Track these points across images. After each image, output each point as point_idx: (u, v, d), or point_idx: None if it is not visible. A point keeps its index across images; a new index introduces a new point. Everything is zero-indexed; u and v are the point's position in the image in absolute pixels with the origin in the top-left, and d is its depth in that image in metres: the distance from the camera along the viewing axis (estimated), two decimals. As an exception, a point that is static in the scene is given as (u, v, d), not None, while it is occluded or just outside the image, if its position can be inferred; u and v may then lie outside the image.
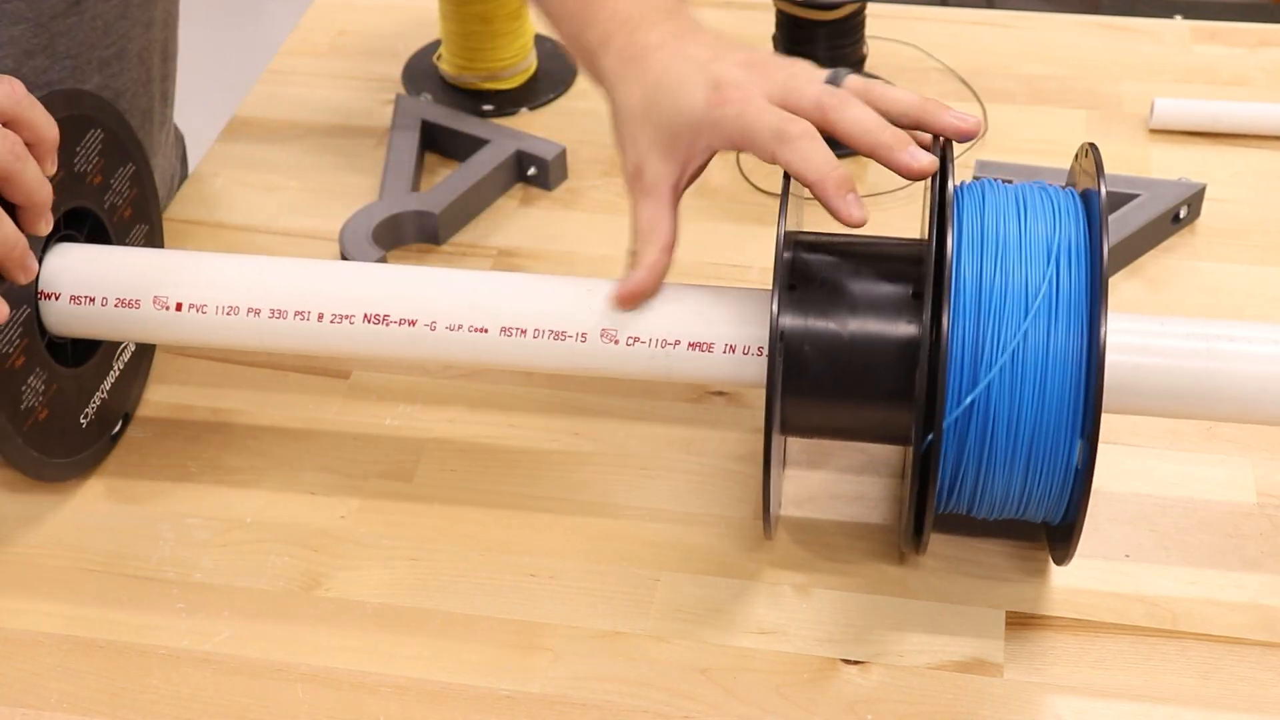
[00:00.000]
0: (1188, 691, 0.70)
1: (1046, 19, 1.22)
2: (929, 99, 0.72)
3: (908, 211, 1.00)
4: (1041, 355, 0.66)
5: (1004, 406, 0.66)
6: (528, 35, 1.13)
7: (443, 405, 0.87)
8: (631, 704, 0.70)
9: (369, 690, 0.71)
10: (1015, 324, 0.66)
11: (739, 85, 0.72)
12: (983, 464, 0.67)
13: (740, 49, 0.75)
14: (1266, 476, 0.81)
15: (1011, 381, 0.66)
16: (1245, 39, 1.18)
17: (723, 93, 0.71)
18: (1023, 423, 0.66)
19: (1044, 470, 0.67)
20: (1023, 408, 0.66)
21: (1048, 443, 0.66)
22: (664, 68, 0.74)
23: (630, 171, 0.75)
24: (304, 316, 0.75)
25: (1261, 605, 0.74)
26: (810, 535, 0.78)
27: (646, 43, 0.75)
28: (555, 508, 0.80)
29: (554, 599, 0.75)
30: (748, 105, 0.71)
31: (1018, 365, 0.66)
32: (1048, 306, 0.66)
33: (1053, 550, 0.75)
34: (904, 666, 0.72)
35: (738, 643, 0.73)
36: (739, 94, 0.71)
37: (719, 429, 0.85)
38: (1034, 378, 0.66)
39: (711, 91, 0.72)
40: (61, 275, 0.77)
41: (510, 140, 1.04)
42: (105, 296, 0.77)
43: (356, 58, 1.19)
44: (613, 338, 0.73)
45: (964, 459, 0.67)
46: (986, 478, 0.68)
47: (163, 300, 0.76)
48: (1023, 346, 0.66)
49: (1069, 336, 0.66)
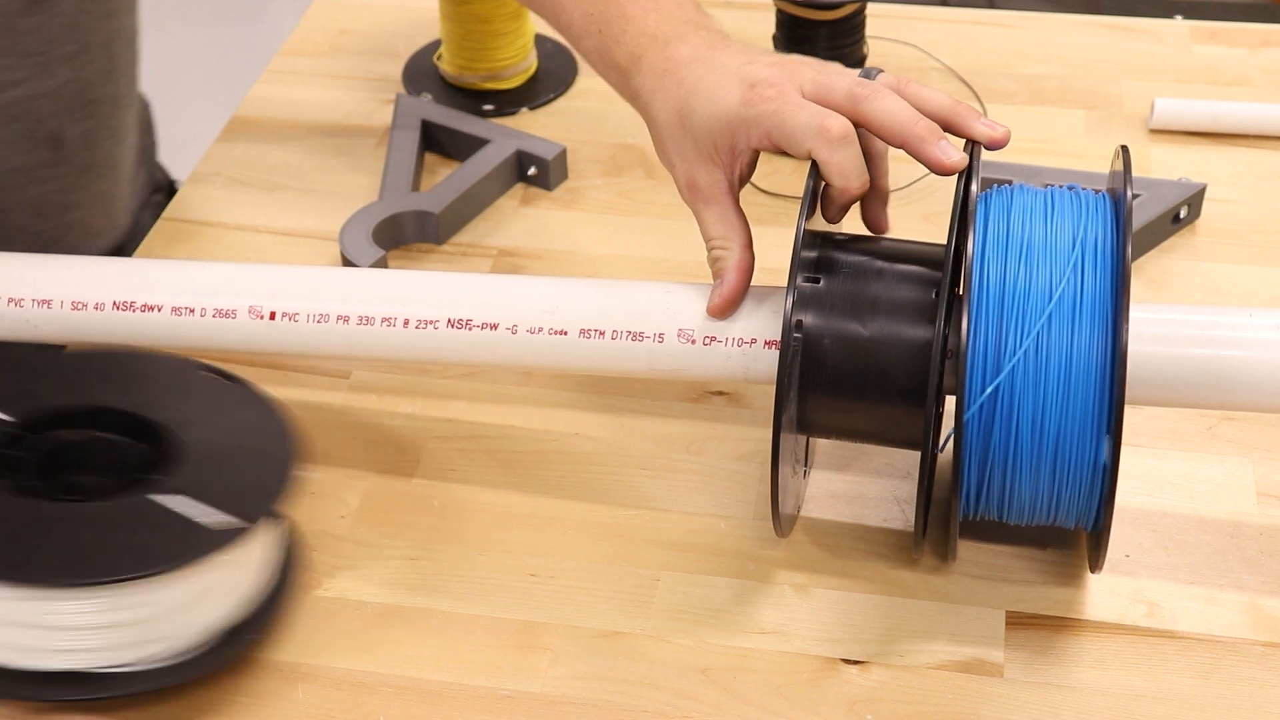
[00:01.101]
0: (1188, 692, 0.70)
1: (1047, 19, 1.22)
2: (961, 103, 0.72)
3: (909, 211, 1.00)
4: (1065, 351, 0.65)
5: (1027, 404, 0.66)
6: (528, 35, 1.13)
7: (443, 405, 0.87)
8: (631, 704, 0.70)
9: (369, 690, 0.71)
10: (1037, 319, 0.66)
11: (773, 83, 0.72)
12: (1009, 465, 0.67)
13: (772, 54, 0.75)
14: (1266, 476, 0.81)
15: (1035, 377, 0.66)
16: (1246, 39, 1.18)
17: (757, 91, 0.72)
18: (1048, 419, 0.66)
19: (1071, 469, 0.67)
20: (1047, 404, 0.66)
21: (1074, 440, 0.66)
22: (698, 77, 0.74)
23: (684, 184, 0.75)
24: (390, 323, 0.77)
25: (1261, 605, 0.74)
26: (810, 535, 0.78)
27: (679, 56, 0.76)
28: (555, 507, 0.80)
29: (554, 599, 0.75)
30: (784, 102, 0.71)
31: (1040, 361, 0.66)
32: (1070, 301, 0.66)
33: (1088, 556, 0.74)
34: (904, 666, 0.72)
35: (738, 643, 0.73)
36: (773, 91, 0.72)
37: (720, 429, 0.85)
38: (1058, 374, 0.65)
39: (746, 91, 0.72)
40: None
41: (510, 140, 1.04)
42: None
43: (357, 57, 1.19)
44: (689, 338, 0.73)
45: (990, 459, 0.67)
46: (1013, 479, 0.68)
47: (258, 310, 0.79)
48: (1045, 339, 0.65)
49: (1092, 331, 0.65)
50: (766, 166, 1.05)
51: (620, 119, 1.10)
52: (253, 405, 0.78)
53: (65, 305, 0.82)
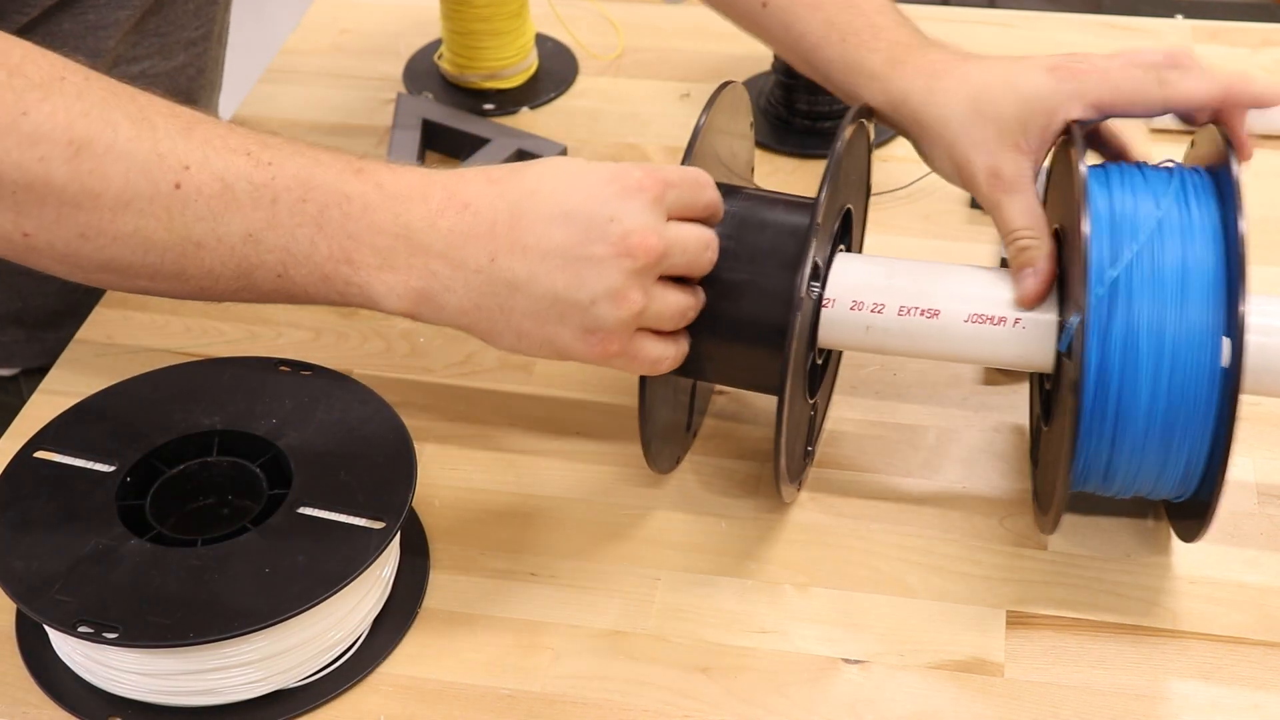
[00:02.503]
0: (1188, 692, 0.70)
1: (1048, 18, 1.22)
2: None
3: (910, 210, 1.00)
4: (1179, 255, 0.67)
5: (1144, 306, 0.66)
6: (529, 34, 1.13)
7: (443, 405, 0.87)
8: (631, 703, 0.70)
9: (370, 690, 0.71)
10: (1147, 228, 0.67)
11: (1077, 59, 0.74)
12: (1124, 376, 0.66)
13: None
14: (1267, 476, 0.81)
15: (1151, 278, 0.66)
16: (1247, 38, 1.18)
17: (1067, 67, 0.74)
18: (1165, 322, 0.66)
19: (1189, 376, 0.66)
20: (1165, 308, 0.66)
21: (1191, 343, 0.66)
22: (983, 69, 0.76)
23: (985, 175, 0.75)
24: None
25: (1262, 605, 0.74)
26: (812, 535, 0.78)
27: (946, 59, 0.78)
28: (555, 507, 0.80)
29: (554, 599, 0.75)
30: (1107, 67, 0.73)
31: (1156, 263, 0.67)
32: (1178, 217, 0.68)
33: (1177, 527, 0.74)
34: (904, 666, 0.72)
35: (738, 642, 0.73)
36: (1085, 64, 0.74)
37: (720, 429, 0.85)
38: (1174, 275, 0.66)
39: (1053, 71, 0.74)
40: None
41: (511, 139, 1.04)
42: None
43: (358, 56, 1.19)
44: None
45: (1107, 368, 0.66)
46: (1129, 394, 0.67)
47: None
48: (1160, 242, 0.67)
49: (1204, 241, 0.67)
50: (767, 166, 1.05)
51: (620, 119, 1.10)
52: (341, 393, 0.77)
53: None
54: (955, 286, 0.73)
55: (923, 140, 0.79)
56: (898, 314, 0.73)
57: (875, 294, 0.73)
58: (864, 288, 0.73)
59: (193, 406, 0.76)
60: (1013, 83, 0.75)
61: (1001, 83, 0.75)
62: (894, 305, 0.73)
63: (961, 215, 1.00)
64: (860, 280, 0.73)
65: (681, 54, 1.19)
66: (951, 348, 0.73)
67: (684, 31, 1.21)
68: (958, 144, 0.76)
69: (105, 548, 0.68)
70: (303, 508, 0.70)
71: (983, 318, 0.72)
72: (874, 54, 0.80)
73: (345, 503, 0.70)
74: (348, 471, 0.72)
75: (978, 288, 0.73)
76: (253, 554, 0.68)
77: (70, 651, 0.69)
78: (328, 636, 0.69)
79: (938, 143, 0.77)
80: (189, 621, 0.64)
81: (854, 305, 0.73)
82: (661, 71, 1.16)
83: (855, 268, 0.74)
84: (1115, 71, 0.73)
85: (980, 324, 0.72)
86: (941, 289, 0.73)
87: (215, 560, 0.68)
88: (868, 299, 0.73)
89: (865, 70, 0.80)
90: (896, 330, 0.73)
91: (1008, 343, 0.72)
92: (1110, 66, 0.74)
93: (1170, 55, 0.74)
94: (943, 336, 0.72)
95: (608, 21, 1.22)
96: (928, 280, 0.73)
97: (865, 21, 0.81)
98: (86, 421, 0.75)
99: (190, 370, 0.79)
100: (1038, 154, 0.75)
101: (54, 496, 0.70)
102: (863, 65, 0.80)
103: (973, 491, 0.80)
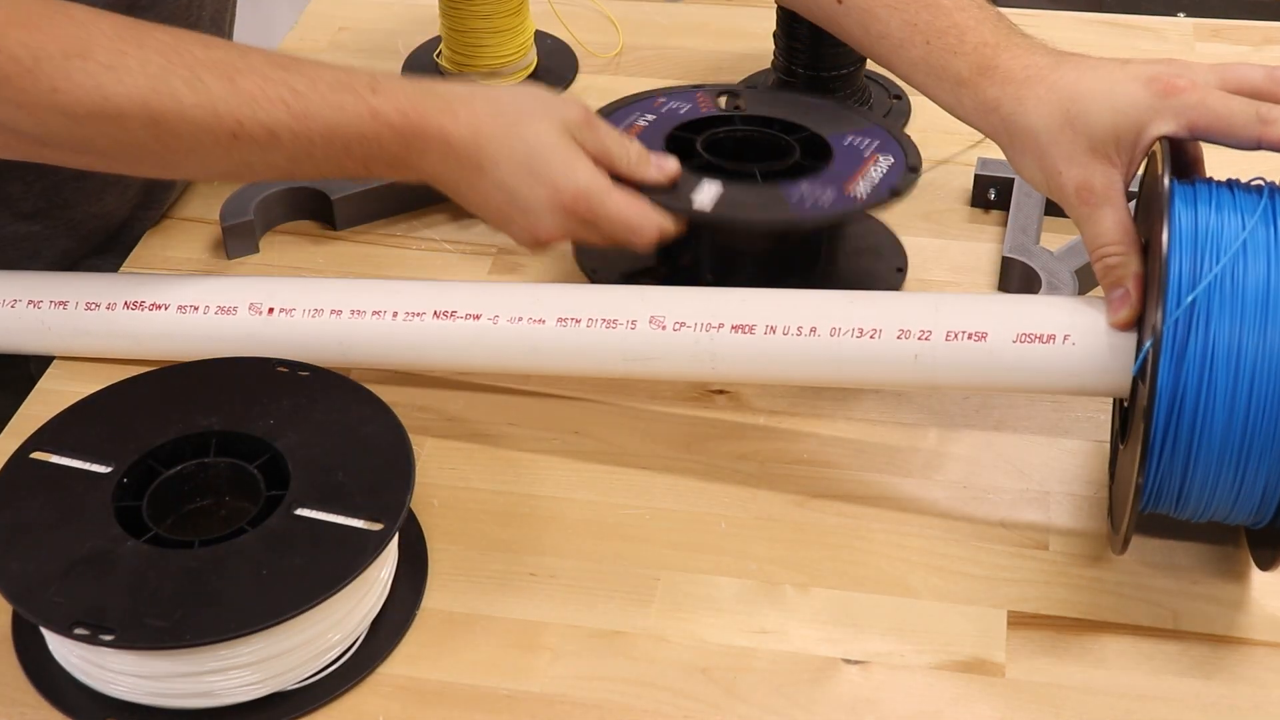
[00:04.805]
0: (1189, 691, 0.70)
1: (1049, 16, 1.22)
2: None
3: (910, 210, 0.99)
4: (1261, 277, 0.65)
5: (1224, 326, 0.64)
6: (528, 32, 1.13)
7: (443, 405, 0.86)
8: (631, 703, 0.70)
9: (369, 691, 0.71)
10: (1231, 247, 0.65)
11: (1179, 75, 0.71)
12: (1200, 398, 0.65)
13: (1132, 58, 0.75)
14: (1269, 476, 0.80)
15: (1232, 299, 0.65)
16: (1249, 36, 1.18)
17: (1167, 82, 0.70)
18: (1244, 344, 0.64)
19: (1269, 400, 0.64)
20: (1245, 328, 0.64)
21: (1272, 368, 0.64)
22: (1077, 77, 0.73)
23: (1075, 189, 0.73)
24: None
25: (1263, 605, 0.74)
26: (812, 535, 0.78)
27: (1037, 64, 0.76)
28: (555, 508, 0.80)
29: (554, 598, 0.75)
30: (1208, 92, 0.70)
31: (1238, 285, 0.65)
32: (1265, 237, 0.66)
33: (1255, 554, 0.73)
34: (905, 666, 0.71)
35: (738, 642, 0.73)
36: (1187, 82, 0.70)
37: (720, 429, 0.85)
38: (1255, 297, 0.64)
39: (1150, 84, 0.71)
40: None
41: (510, 138, 1.04)
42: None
43: (356, 54, 1.19)
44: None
45: (1182, 389, 0.65)
46: (1206, 415, 0.65)
47: (257, 307, 0.82)
48: (1242, 263, 0.65)
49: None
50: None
51: (621, 116, 1.10)
52: (339, 393, 0.77)
53: (80, 306, 0.84)
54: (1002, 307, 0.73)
55: (1011, 148, 0.77)
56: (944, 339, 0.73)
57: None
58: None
59: (190, 407, 0.75)
60: (1107, 94, 0.72)
61: (1095, 93, 0.72)
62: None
63: (962, 214, 1.00)
64: None
65: (681, 52, 1.18)
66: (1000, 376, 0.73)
67: (684, 29, 1.21)
68: (1047, 155, 0.74)
69: (102, 549, 0.67)
70: (300, 509, 0.70)
71: (1030, 336, 0.71)
72: (959, 58, 0.78)
73: (343, 504, 0.70)
74: (346, 472, 0.72)
75: (1027, 306, 0.73)
76: (250, 555, 0.68)
77: (67, 653, 0.69)
78: (326, 638, 0.69)
79: (1027, 152, 0.75)
80: (186, 623, 0.64)
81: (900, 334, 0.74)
82: (661, 69, 1.16)
83: None
84: (1215, 100, 0.70)
85: (1028, 344, 0.72)
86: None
87: (213, 562, 0.67)
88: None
89: (952, 76, 0.78)
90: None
91: (1064, 362, 0.71)
92: (1209, 93, 0.70)
93: (1273, 77, 0.71)
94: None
95: (607, 19, 1.22)
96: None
97: (948, 21, 0.79)
98: (83, 422, 0.75)
99: (188, 371, 0.79)
100: (1129, 167, 0.73)
101: (50, 497, 0.70)
102: (948, 70, 0.78)
103: (974, 492, 0.80)
